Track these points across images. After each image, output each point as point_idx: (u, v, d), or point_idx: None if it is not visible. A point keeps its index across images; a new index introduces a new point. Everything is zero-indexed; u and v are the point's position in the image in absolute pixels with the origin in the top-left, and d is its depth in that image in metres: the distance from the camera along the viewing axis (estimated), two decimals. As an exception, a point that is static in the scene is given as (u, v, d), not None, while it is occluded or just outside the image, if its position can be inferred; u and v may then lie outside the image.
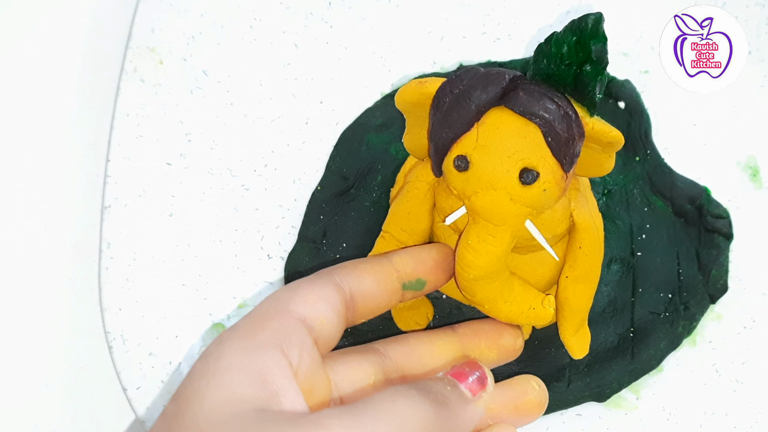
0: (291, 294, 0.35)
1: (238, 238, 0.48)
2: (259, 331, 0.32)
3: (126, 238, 0.47)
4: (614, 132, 0.36)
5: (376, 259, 0.39)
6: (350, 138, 0.50)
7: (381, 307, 0.38)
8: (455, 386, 0.33)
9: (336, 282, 0.36)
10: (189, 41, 0.50)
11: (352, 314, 0.37)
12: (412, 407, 0.30)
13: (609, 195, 0.48)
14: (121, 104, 0.48)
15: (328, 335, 0.35)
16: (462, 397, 0.33)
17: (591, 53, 0.34)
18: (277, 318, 0.33)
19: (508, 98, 0.36)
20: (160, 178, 0.48)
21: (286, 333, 0.33)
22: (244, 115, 0.50)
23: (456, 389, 0.33)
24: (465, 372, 0.35)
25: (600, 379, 0.45)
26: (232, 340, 0.32)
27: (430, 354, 0.39)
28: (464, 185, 0.37)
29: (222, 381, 0.30)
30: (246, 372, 0.31)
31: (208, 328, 0.46)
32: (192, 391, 0.30)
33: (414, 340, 0.40)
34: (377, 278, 0.38)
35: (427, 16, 0.52)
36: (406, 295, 0.39)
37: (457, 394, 0.33)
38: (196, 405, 0.30)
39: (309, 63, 0.51)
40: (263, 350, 0.32)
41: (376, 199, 0.48)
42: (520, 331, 0.42)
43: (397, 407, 0.30)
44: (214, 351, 0.32)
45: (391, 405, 0.30)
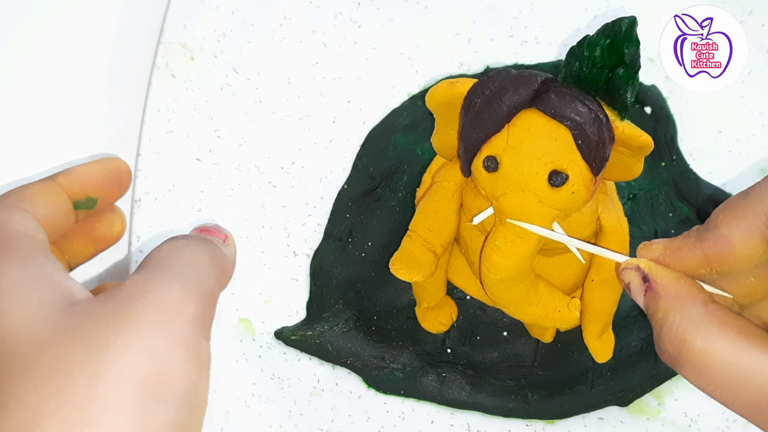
0: (6, 213, 0.34)
1: (264, 235, 0.48)
2: (11, 249, 0.31)
3: (155, 231, 0.47)
4: (644, 136, 0.36)
5: (42, 181, 0.37)
6: (377, 137, 0.50)
7: (58, 228, 0.36)
8: (210, 235, 0.36)
9: (17, 206, 0.35)
10: (220, 38, 0.50)
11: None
12: (193, 245, 0.33)
13: (634, 200, 0.48)
14: (152, 99, 0.49)
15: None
16: (218, 241, 0.36)
17: (624, 57, 0.34)
18: (15, 236, 0.32)
19: (540, 100, 0.36)
20: (190, 174, 0.48)
21: (33, 243, 0.32)
22: (272, 113, 0.50)
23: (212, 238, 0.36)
24: (211, 230, 0.37)
25: (623, 384, 0.45)
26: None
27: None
28: (493, 186, 0.37)
29: (20, 295, 0.30)
30: (36, 279, 0.30)
31: (235, 323, 0.47)
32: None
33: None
34: (46, 200, 0.36)
35: (454, 18, 0.52)
36: (79, 215, 0.38)
37: (213, 239, 0.36)
38: (7, 323, 0.29)
39: (337, 62, 0.51)
40: (33, 260, 0.31)
41: (401, 199, 0.48)
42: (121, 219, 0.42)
43: (182, 247, 0.33)
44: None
45: (178, 249, 0.33)
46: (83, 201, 0.38)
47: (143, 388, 0.28)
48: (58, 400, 0.27)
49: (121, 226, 0.41)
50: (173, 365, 0.29)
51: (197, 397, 0.29)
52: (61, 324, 0.29)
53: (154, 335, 0.29)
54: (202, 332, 0.30)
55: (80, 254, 0.39)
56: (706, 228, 0.34)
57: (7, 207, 0.34)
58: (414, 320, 0.47)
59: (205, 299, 0.31)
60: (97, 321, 0.29)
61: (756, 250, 0.32)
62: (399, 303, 0.47)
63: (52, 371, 0.28)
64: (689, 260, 0.34)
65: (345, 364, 0.47)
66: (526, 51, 0.52)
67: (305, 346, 0.46)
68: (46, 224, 0.35)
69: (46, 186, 0.36)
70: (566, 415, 0.46)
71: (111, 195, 0.39)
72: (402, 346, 0.47)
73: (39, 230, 0.33)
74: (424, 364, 0.46)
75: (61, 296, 0.30)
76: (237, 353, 0.46)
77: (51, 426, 0.27)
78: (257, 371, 0.46)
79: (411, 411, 0.47)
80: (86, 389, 0.27)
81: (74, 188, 0.37)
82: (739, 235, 0.32)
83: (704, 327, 0.31)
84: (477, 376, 0.46)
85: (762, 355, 0.30)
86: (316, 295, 0.48)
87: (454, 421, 0.46)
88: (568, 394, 0.46)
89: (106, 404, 0.27)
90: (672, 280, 0.33)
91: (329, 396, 0.47)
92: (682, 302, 0.32)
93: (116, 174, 0.39)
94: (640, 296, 0.34)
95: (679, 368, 0.31)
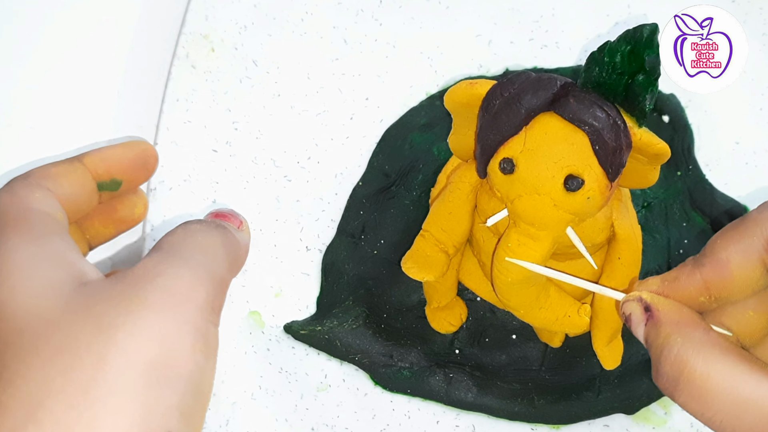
0: (26, 191, 0.34)
1: (278, 228, 0.48)
2: (25, 227, 0.31)
3: (169, 220, 0.47)
4: (661, 144, 0.36)
5: (68, 160, 0.37)
6: (394, 136, 0.50)
7: (81, 209, 0.36)
8: (224, 221, 0.36)
9: (39, 184, 0.34)
10: (241, 30, 0.50)
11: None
12: (207, 230, 0.33)
13: (648, 208, 0.48)
14: (171, 89, 0.49)
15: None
16: (232, 227, 0.36)
17: (644, 63, 0.34)
18: (32, 214, 0.32)
19: (558, 104, 0.36)
20: (206, 164, 0.49)
21: (48, 222, 0.32)
22: (290, 107, 0.50)
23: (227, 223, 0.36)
24: (226, 215, 0.37)
25: (630, 392, 0.45)
26: (9, 242, 0.31)
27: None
28: (508, 188, 0.37)
29: (32, 272, 0.30)
30: (48, 257, 0.30)
31: (245, 315, 0.47)
32: (8, 288, 0.29)
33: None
34: (70, 180, 0.36)
35: (475, 19, 0.52)
36: (103, 196, 0.38)
37: (228, 225, 0.36)
38: (18, 300, 0.29)
39: (357, 59, 0.51)
40: (47, 238, 0.31)
41: (416, 198, 0.48)
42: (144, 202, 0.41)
43: (196, 232, 0.33)
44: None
45: (192, 233, 0.33)
46: (108, 183, 0.37)
47: (149, 371, 0.28)
48: (64, 379, 0.27)
49: (142, 209, 0.40)
50: (180, 350, 0.29)
51: (203, 383, 0.29)
52: (71, 303, 0.29)
53: (163, 319, 0.29)
54: (211, 318, 0.30)
55: (101, 234, 0.39)
56: (704, 254, 0.34)
57: (29, 184, 0.33)
58: (423, 319, 0.47)
59: (216, 285, 0.31)
60: (107, 302, 0.29)
61: (754, 273, 0.33)
62: (409, 302, 0.47)
63: (60, 350, 0.28)
64: (688, 288, 0.34)
65: (353, 361, 0.47)
66: (546, 55, 0.52)
67: (314, 341, 0.47)
68: (68, 204, 0.35)
69: (72, 166, 0.36)
70: (572, 420, 0.46)
71: (136, 178, 0.39)
72: (410, 344, 0.47)
73: (58, 209, 0.33)
74: (432, 363, 0.47)
75: (72, 276, 0.30)
76: (246, 345, 0.46)
77: (56, 404, 0.27)
78: (265, 364, 0.46)
79: (417, 410, 0.47)
80: (92, 370, 0.27)
81: (99, 169, 0.37)
82: (737, 258, 0.33)
83: (706, 350, 0.31)
84: (484, 378, 0.46)
85: (765, 379, 0.29)
86: (327, 290, 0.48)
87: (459, 422, 0.46)
88: (575, 399, 0.46)
89: (111, 385, 0.27)
90: (674, 308, 0.34)
91: (336, 392, 0.47)
92: (684, 327, 0.32)
93: (143, 157, 0.38)
94: (641, 327, 0.34)
95: (677, 393, 0.31)
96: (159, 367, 0.28)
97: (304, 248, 0.49)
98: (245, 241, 0.36)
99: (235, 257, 0.34)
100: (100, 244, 0.40)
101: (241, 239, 0.35)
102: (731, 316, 0.34)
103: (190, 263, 0.31)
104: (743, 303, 0.34)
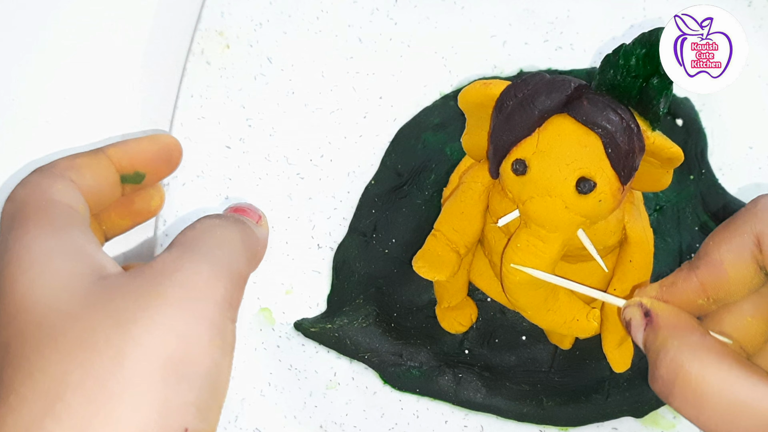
0: (48, 181, 0.34)
1: (290, 226, 0.49)
2: (46, 219, 0.32)
3: (182, 216, 0.47)
4: (675, 148, 0.36)
5: (92, 152, 0.37)
6: (407, 135, 0.50)
7: (103, 201, 0.36)
8: (243, 216, 0.36)
9: (63, 175, 0.35)
10: (256, 27, 0.51)
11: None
12: (225, 225, 0.33)
13: (660, 211, 0.48)
14: (186, 85, 0.49)
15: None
16: (250, 221, 0.36)
17: (659, 67, 0.34)
18: (53, 206, 0.32)
19: (572, 106, 0.36)
20: (219, 161, 0.49)
21: (69, 214, 0.32)
22: (304, 105, 0.50)
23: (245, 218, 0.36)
24: (245, 210, 0.37)
25: (639, 395, 0.45)
26: (29, 233, 0.31)
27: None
28: (520, 189, 0.37)
29: (51, 265, 0.30)
30: (68, 250, 0.30)
31: (256, 312, 0.47)
32: (28, 281, 0.29)
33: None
34: (94, 171, 0.36)
35: (490, 20, 0.52)
36: (125, 189, 0.38)
37: (247, 220, 0.36)
38: (37, 292, 0.29)
39: (371, 58, 0.51)
40: (67, 231, 0.31)
41: (428, 198, 0.48)
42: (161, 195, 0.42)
43: (214, 227, 0.33)
44: (17, 246, 0.30)
45: (210, 228, 0.33)
46: (131, 175, 0.38)
47: (167, 367, 0.28)
48: (82, 373, 0.27)
49: (159, 201, 0.41)
50: (198, 345, 0.29)
51: (219, 378, 0.30)
52: (90, 297, 0.29)
53: (181, 314, 0.29)
54: (228, 314, 0.30)
55: (117, 226, 0.39)
56: (698, 256, 0.34)
57: (52, 174, 0.34)
58: (433, 319, 0.47)
59: (234, 281, 0.31)
60: (125, 297, 0.29)
61: (747, 271, 0.33)
62: (419, 301, 0.48)
63: (79, 344, 0.28)
64: (685, 292, 0.34)
65: (362, 359, 0.47)
66: (560, 57, 0.52)
67: (324, 338, 0.47)
68: (90, 196, 0.35)
69: (96, 157, 0.36)
70: (580, 423, 0.46)
71: (159, 172, 0.39)
72: (420, 344, 0.47)
73: (80, 201, 0.33)
74: (441, 363, 0.47)
75: (91, 269, 0.30)
76: (256, 342, 0.47)
77: (74, 398, 0.27)
78: (275, 361, 0.46)
79: (425, 410, 0.47)
80: (111, 364, 0.27)
81: (123, 162, 0.37)
82: (729, 256, 0.33)
83: (702, 353, 0.31)
84: (493, 379, 0.46)
85: (760, 383, 0.29)
86: (338, 288, 0.48)
87: (468, 422, 0.46)
88: (584, 402, 0.46)
89: (129, 380, 0.27)
90: (672, 312, 0.34)
91: (345, 390, 0.47)
92: (681, 331, 0.32)
93: (167, 151, 0.38)
94: (640, 331, 0.34)
95: (673, 396, 0.31)
96: (176, 363, 0.28)
97: (315, 246, 0.49)
98: (264, 236, 0.36)
99: (254, 252, 0.34)
100: (115, 235, 0.40)
101: (260, 234, 0.35)
102: (730, 323, 0.34)
103: (208, 259, 0.31)
104: (741, 309, 0.34)
